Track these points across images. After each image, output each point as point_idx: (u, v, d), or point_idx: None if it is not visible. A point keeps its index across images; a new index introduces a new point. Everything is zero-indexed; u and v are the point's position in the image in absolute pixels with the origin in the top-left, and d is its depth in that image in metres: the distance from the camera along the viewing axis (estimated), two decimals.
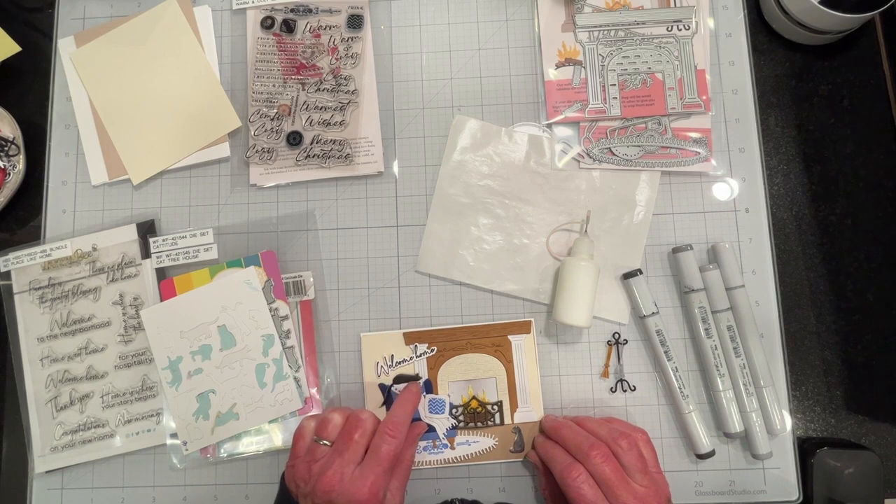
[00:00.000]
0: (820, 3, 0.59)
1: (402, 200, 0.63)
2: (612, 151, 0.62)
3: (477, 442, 0.59)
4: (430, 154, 0.63)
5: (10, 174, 0.64)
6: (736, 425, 0.57)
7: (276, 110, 0.64)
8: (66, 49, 0.66)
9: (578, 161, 0.62)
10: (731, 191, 0.62)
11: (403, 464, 0.54)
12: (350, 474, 0.49)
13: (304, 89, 0.64)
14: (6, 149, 0.64)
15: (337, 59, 0.64)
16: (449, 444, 0.59)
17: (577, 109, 0.62)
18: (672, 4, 0.63)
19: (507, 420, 0.59)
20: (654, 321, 0.58)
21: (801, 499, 0.58)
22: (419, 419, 0.59)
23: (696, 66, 0.62)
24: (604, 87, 0.62)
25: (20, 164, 0.64)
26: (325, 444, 0.51)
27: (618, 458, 0.51)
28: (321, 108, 0.64)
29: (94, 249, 0.63)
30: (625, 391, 0.59)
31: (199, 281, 0.61)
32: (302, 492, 0.50)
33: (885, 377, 0.61)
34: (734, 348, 0.57)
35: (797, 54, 0.66)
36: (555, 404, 0.59)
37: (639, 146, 0.62)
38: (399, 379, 0.60)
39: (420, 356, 0.60)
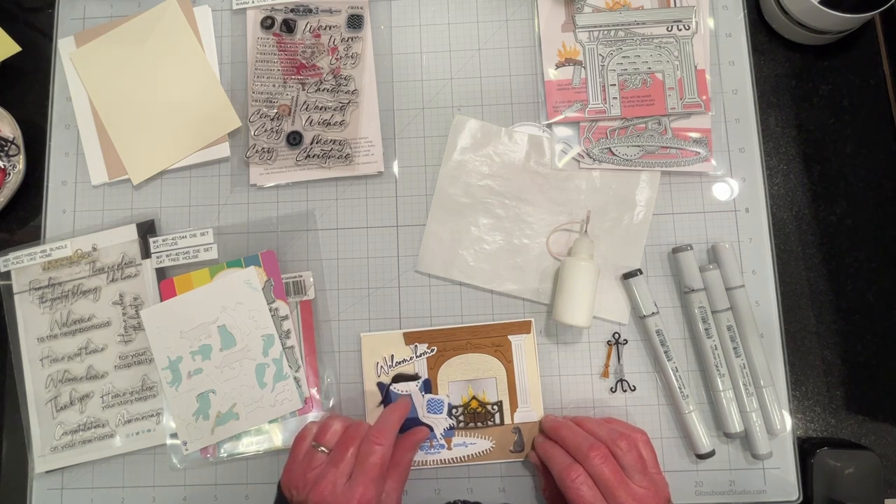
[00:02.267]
0: (820, 3, 0.59)
1: (402, 200, 0.63)
2: (612, 151, 0.62)
3: (474, 443, 0.59)
4: (430, 154, 0.63)
5: (10, 174, 0.64)
6: (736, 425, 0.57)
7: (276, 110, 0.64)
8: (66, 49, 0.66)
9: (578, 161, 0.62)
10: (731, 191, 0.62)
11: (401, 466, 0.54)
12: (342, 486, 0.49)
13: (304, 89, 0.64)
14: (6, 149, 0.64)
15: (337, 59, 0.64)
16: (446, 445, 0.59)
17: (577, 109, 0.62)
18: (672, 4, 0.63)
19: (507, 420, 0.59)
20: (654, 321, 0.58)
21: (801, 499, 0.58)
22: (418, 418, 0.59)
23: (696, 66, 0.62)
24: (604, 87, 0.62)
25: (20, 164, 0.64)
26: (323, 451, 0.52)
27: (617, 459, 0.51)
28: (321, 108, 0.64)
29: (94, 249, 0.63)
30: (625, 391, 0.59)
31: (199, 281, 0.61)
32: (296, 500, 0.51)
33: (885, 377, 0.61)
34: (734, 348, 0.57)
35: (797, 54, 0.66)
36: (555, 404, 0.59)
37: (639, 146, 0.62)
38: (398, 378, 0.60)
39: (420, 356, 0.60)
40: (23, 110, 0.66)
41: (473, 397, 0.59)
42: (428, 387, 0.60)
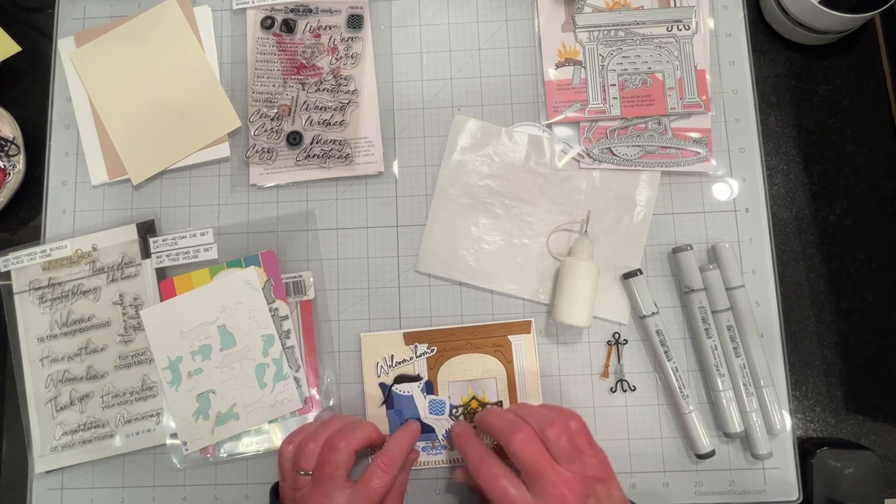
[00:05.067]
0: (820, 3, 0.59)
1: (402, 200, 0.63)
2: (612, 151, 0.62)
3: None
4: (430, 154, 0.63)
5: (10, 174, 0.64)
6: (736, 425, 0.57)
7: (276, 110, 0.64)
8: (66, 49, 0.66)
9: (578, 161, 0.62)
10: (731, 191, 0.62)
11: (396, 488, 0.53)
12: None
13: (304, 89, 0.64)
14: (6, 149, 0.64)
15: (337, 59, 0.64)
16: (448, 446, 0.59)
17: (577, 109, 0.62)
18: (672, 4, 0.64)
19: None
20: (654, 321, 0.58)
21: (801, 499, 0.58)
22: (420, 419, 0.59)
23: (696, 66, 0.62)
24: (604, 87, 0.62)
25: (20, 164, 0.64)
26: (307, 475, 0.51)
27: (547, 447, 0.48)
28: (321, 108, 0.64)
29: (94, 249, 0.63)
30: (625, 391, 0.60)
31: (199, 281, 0.61)
32: None
33: (885, 377, 0.61)
34: (734, 348, 0.57)
35: (797, 54, 0.66)
36: (555, 404, 0.59)
37: (639, 146, 0.62)
38: (400, 379, 0.60)
39: (420, 356, 0.60)
40: (23, 110, 0.66)
41: (473, 397, 0.59)
42: (430, 388, 0.60)
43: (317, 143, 0.63)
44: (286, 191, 0.63)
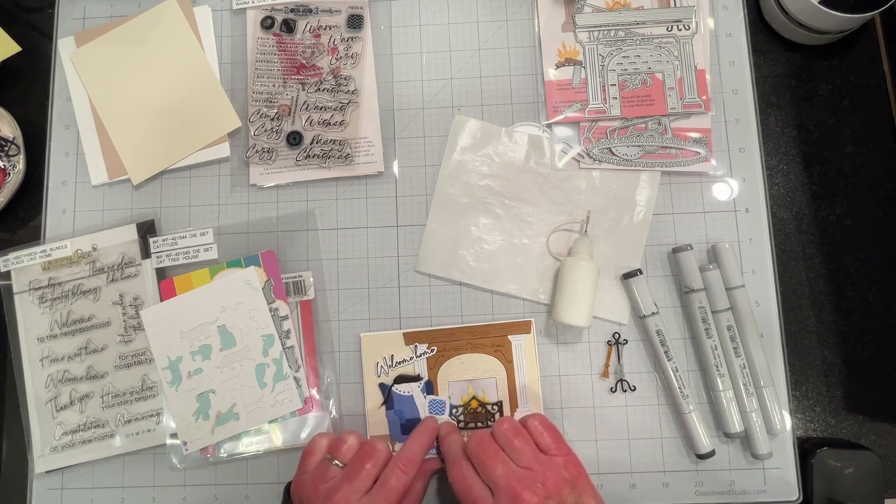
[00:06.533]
0: (820, 3, 0.59)
1: (402, 200, 0.63)
2: (612, 151, 0.62)
3: None
4: (430, 154, 0.63)
5: (10, 174, 0.64)
6: (736, 425, 0.57)
7: (276, 110, 0.64)
8: (66, 49, 0.66)
9: (578, 161, 0.62)
10: (731, 191, 0.62)
11: (413, 495, 0.53)
12: (356, 502, 0.49)
13: (304, 89, 0.64)
14: (6, 149, 0.64)
15: (337, 59, 0.64)
16: None
17: (577, 109, 0.62)
18: (672, 4, 0.64)
19: None
20: (654, 321, 0.58)
21: (801, 499, 0.58)
22: (419, 419, 0.59)
23: (696, 66, 0.62)
24: (604, 87, 0.62)
25: (20, 164, 0.64)
26: (337, 465, 0.51)
27: (500, 446, 0.51)
28: (321, 108, 0.64)
29: (94, 249, 0.63)
30: (625, 391, 0.60)
31: (199, 281, 0.61)
32: None
33: (885, 377, 0.61)
34: (734, 348, 0.57)
35: (797, 54, 0.66)
36: (555, 404, 0.59)
37: (639, 146, 0.62)
38: (400, 379, 0.60)
39: (420, 356, 0.60)
40: (23, 110, 0.66)
41: (473, 397, 0.59)
42: (430, 388, 0.60)
43: (317, 143, 0.63)
44: (286, 191, 0.63)
